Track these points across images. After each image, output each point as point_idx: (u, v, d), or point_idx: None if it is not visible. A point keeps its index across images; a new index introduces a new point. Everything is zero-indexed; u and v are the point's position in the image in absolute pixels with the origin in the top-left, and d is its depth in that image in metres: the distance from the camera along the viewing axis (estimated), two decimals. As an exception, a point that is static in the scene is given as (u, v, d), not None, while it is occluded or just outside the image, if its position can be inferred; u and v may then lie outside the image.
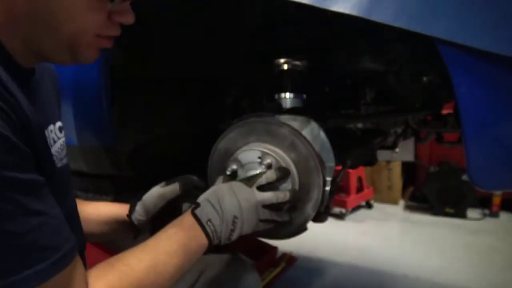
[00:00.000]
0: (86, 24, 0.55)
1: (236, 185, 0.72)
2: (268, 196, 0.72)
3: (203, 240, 0.67)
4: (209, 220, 0.67)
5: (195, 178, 0.86)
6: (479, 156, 0.69)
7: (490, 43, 0.61)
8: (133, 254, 0.61)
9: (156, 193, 0.83)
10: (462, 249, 2.54)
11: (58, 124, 0.67)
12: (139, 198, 0.84)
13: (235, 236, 0.69)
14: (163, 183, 0.84)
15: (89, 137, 1.00)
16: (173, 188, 0.82)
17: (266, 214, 0.72)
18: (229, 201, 0.69)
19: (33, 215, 0.45)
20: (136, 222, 0.83)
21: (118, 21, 0.59)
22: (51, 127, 0.63)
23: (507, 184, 0.76)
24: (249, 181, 0.73)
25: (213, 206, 0.68)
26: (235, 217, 0.68)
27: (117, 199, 1.15)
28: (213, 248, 0.70)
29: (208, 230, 0.67)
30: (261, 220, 0.72)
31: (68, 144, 1.02)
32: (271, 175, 0.74)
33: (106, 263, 0.58)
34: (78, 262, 0.53)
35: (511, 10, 0.61)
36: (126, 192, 1.18)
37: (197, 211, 0.68)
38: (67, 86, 0.96)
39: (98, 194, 1.16)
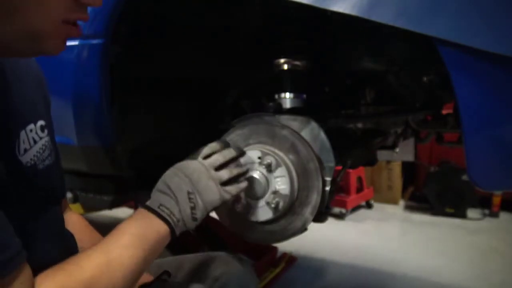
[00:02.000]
0: (50, 7, 0.48)
1: (179, 164, 0.70)
2: (213, 158, 0.70)
3: (161, 227, 0.63)
4: (161, 204, 0.65)
5: None
6: (479, 156, 0.69)
7: (490, 43, 0.61)
8: (83, 254, 0.58)
9: None
10: (462, 249, 2.54)
11: (40, 123, 0.63)
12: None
13: (199, 213, 0.66)
14: None
15: (89, 137, 1.00)
16: None
17: (223, 174, 0.69)
18: (177, 180, 0.66)
19: None
20: None
21: (85, 4, 0.53)
22: (30, 126, 0.60)
23: (507, 184, 0.76)
24: (193, 155, 0.71)
25: (162, 192, 0.66)
26: (189, 192, 0.65)
27: (117, 199, 1.14)
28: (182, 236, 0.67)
29: (163, 214, 0.64)
30: (222, 184, 0.69)
31: (68, 144, 1.03)
32: (215, 145, 0.72)
33: (55, 266, 0.55)
34: (22, 274, 0.49)
35: (511, 10, 0.61)
36: (126, 192, 1.18)
37: (148, 202, 0.66)
38: (67, 86, 0.96)
39: (98, 194, 1.16)
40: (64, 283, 0.52)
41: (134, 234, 0.61)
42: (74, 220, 0.82)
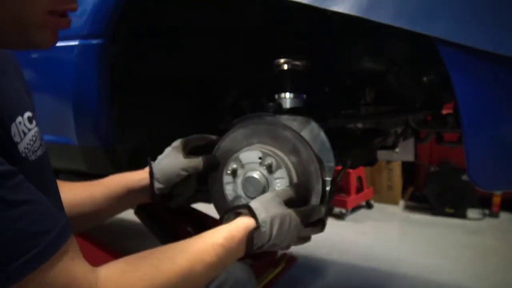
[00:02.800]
0: None
1: (295, 220, 0.70)
2: (309, 233, 0.76)
3: (239, 256, 0.67)
4: (259, 247, 0.68)
5: (213, 138, 0.88)
6: (479, 156, 0.69)
7: (490, 43, 0.61)
8: (167, 254, 0.59)
9: (179, 166, 0.82)
10: (462, 249, 2.54)
11: (27, 114, 0.62)
12: (152, 166, 0.84)
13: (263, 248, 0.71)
14: (179, 147, 0.84)
15: (89, 137, 1.00)
16: (197, 164, 0.82)
17: (295, 242, 0.75)
18: (282, 234, 0.69)
19: (13, 206, 0.44)
20: (157, 192, 0.83)
21: None
22: (19, 119, 0.59)
23: (507, 184, 0.76)
24: (306, 217, 0.72)
25: (269, 232, 0.67)
26: (276, 245, 0.70)
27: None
28: None
29: (252, 252, 0.67)
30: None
31: (68, 144, 1.03)
32: (322, 211, 0.75)
33: (130, 258, 0.56)
34: (74, 242, 0.52)
35: (511, 10, 0.61)
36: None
37: (255, 234, 0.66)
38: (67, 86, 0.96)
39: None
40: (135, 283, 0.53)
41: (221, 258, 0.62)
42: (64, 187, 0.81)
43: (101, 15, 0.88)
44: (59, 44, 0.93)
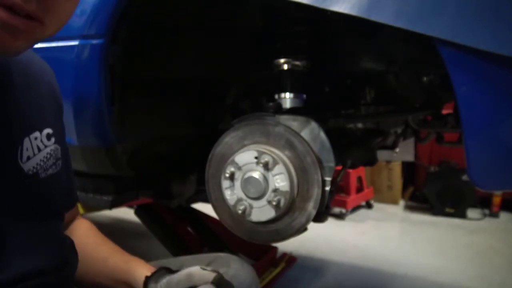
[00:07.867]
0: None
1: None
2: None
3: None
4: None
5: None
6: (479, 156, 0.69)
7: (490, 43, 0.61)
8: None
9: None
10: (462, 249, 2.54)
11: (47, 130, 0.61)
12: (157, 275, 0.74)
13: None
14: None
15: (89, 137, 0.99)
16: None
17: None
18: None
19: None
20: None
21: None
22: (35, 134, 0.58)
23: (507, 184, 0.76)
24: None
25: None
26: None
27: (117, 199, 1.14)
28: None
29: None
30: None
31: (68, 144, 1.03)
32: None
33: None
34: None
35: (511, 10, 0.61)
36: (126, 192, 1.18)
37: None
38: (67, 86, 0.96)
39: (98, 194, 1.16)
40: None
41: None
42: (84, 229, 0.81)
43: (101, 15, 0.88)
44: (59, 44, 0.93)
